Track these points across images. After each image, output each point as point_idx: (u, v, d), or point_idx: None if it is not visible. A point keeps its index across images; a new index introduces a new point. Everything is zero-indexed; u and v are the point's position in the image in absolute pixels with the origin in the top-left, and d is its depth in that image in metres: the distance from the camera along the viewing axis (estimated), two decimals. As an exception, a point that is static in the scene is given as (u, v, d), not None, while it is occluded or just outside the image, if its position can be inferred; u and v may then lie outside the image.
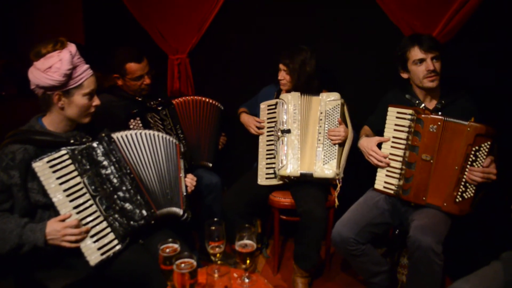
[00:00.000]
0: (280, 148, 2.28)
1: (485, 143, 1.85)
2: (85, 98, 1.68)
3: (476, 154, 1.86)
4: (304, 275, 2.34)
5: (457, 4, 2.18)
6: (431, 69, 1.96)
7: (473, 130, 1.85)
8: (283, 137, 2.28)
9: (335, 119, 2.28)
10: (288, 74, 2.36)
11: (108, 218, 1.65)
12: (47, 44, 1.61)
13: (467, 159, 1.88)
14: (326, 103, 2.29)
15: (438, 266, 1.79)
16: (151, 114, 2.37)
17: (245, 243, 1.51)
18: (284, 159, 2.25)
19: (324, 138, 2.27)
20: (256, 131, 2.46)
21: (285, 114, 2.31)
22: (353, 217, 2.05)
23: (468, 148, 1.86)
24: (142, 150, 1.82)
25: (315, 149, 2.28)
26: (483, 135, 1.84)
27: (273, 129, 2.41)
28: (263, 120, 2.45)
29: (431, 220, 1.88)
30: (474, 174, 1.85)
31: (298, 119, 2.29)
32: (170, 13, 2.81)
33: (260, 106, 2.48)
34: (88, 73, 1.67)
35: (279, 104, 2.35)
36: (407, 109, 2.02)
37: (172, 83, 2.95)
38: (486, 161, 1.85)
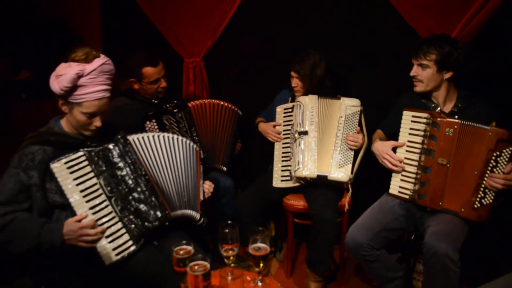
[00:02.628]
0: (297, 150, 2.28)
1: (507, 149, 1.81)
2: (84, 116, 1.65)
3: (497, 159, 1.83)
4: (317, 279, 2.32)
5: (476, 6, 2.14)
6: (411, 75, 2.02)
7: (494, 135, 1.81)
8: (300, 138, 2.28)
9: (354, 124, 2.29)
10: (300, 80, 2.37)
11: (123, 219, 1.67)
12: (79, 51, 1.63)
13: (487, 165, 1.84)
14: (347, 108, 2.30)
15: (454, 274, 1.76)
16: (167, 116, 2.40)
17: (259, 246, 1.50)
18: (301, 161, 2.25)
19: (341, 142, 2.27)
20: (274, 138, 2.46)
21: (302, 116, 2.31)
22: (367, 222, 2.03)
23: (489, 153, 1.83)
24: (159, 153, 1.84)
25: (331, 152, 2.27)
26: (505, 141, 1.80)
27: (289, 132, 2.42)
28: (280, 123, 2.46)
29: (448, 226, 1.85)
30: (494, 180, 1.81)
31: (316, 121, 2.29)
32: (186, 17, 2.83)
33: (276, 110, 2.49)
34: (92, 97, 1.63)
35: (296, 106, 2.36)
36: (423, 112, 1.99)
37: (187, 86, 2.98)
38: (507, 167, 1.81)
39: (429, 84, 2.02)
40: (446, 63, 1.96)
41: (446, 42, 1.96)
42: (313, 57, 2.33)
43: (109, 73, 1.69)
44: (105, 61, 1.66)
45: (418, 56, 2.00)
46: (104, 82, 1.66)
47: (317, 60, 2.32)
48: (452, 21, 2.23)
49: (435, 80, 2.01)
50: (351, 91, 2.52)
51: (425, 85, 2.03)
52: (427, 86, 2.03)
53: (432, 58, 1.96)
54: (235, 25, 2.78)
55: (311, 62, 2.32)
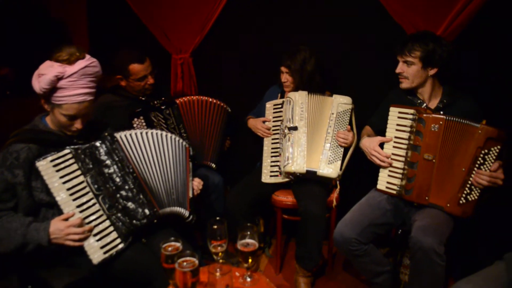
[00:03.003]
0: (286, 145, 2.29)
1: (495, 147, 1.84)
2: (64, 117, 1.63)
3: (485, 157, 1.86)
4: (306, 274, 2.34)
5: (461, 4, 2.17)
6: (397, 71, 2.05)
7: (484, 133, 1.84)
8: (290, 134, 2.29)
9: (344, 122, 2.31)
10: (290, 75, 2.38)
11: (111, 217, 1.66)
12: (63, 51, 1.59)
13: (475, 162, 1.87)
14: (339, 105, 2.32)
15: (440, 267, 1.79)
16: (155, 113, 2.39)
17: (247, 242, 1.51)
18: (291, 156, 2.27)
19: (332, 139, 2.29)
20: (264, 134, 2.47)
21: (292, 112, 2.32)
22: (355, 217, 2.05)
23: (478, 150, 1.85)
24: (147, 150, 1.83)
25: (321, 148, 2.30)
26: (494, 139, 1.83)
27: (278, 128, 2.43)
28: (269, 119, 2.47)
29: (433, 220, 1.88)
30: (481, 177, 1.84)
31: (305, 116, 2.31)
32: (174, 13, 2.81)
33: (266, 105, 2.50)
34: (72, 100, 1.59)
35: (286, 102, 2.37)
36: (409, 108, 2.02)
37: (175, 83, 2.96)
38: (494, 165, 1.84)
39: (415, 81, 2.05)
40: (430, 60, 1.98)
41: (430, 39, 1.98)
42: (304, 52, 2.34)
43: (93, 76, 1.65)
44: (89, 63, 1.62)
45: (403, 53, 2.02)
46: (86, 85, 1.62)
47: (307, 55, 2.34)
48: (438, 19, 2.25)
49: (420, 76, 2.04)
50: (339, 87, 2.53)
51: (411, 81, 2.05)
52: (412, 83, 2.06)
53: (416, 55, 1.99)
54: (223, 22, 2.77)
55: (301, 57, 2.33)
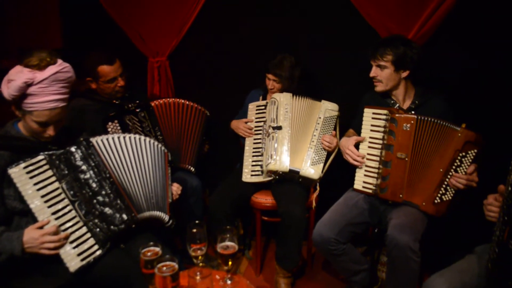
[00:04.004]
0: (269, 144, 2.32)
1: (472, 151, 1.91)
2: (36, 124, 1.59)
3: (462, 160, 1.92)
4: (286, 275, 2.36)
5: (431, 8, 2.24)
6: (371, 75, 2.11)
7: (464, 136, 1.90)
8: (274, 133, 2.32)
9: (330, 127, 2.37)
10: (279, 82, 2.42)
11: (88, 223, 1.63)
12: (34, 56, 1.54)
13: (453, 164, 1.93)
14: (326, 110, 2.37)
15: (415, 263, 1.84)
16: (130, 116, 2.35)
17: (227, 245, 1.51)
18: (274, 154, 2.28)
19: (317, 142, 2.34)
20: (246, 133, 2.50)
21: (277, 112, 2.35)
22: (333, 217, 2.08)
23: (456, 153, 1.91)
24: (125, 154, 1.81)
25: (306, 149, 2.33)
26: (472, 143, 1.89)
27: (261, 128, 2.46)
28: (252, 120, 2.50)
29: (409, 218, 1.93)
30: (458, 180, 1.91)
31: (289, 117, 2.34)
32: (150, 16, 2.79)
33: (249, 107, 2.53)
34: (43, 106, 1.55)
35: (270, 103, 2.40)
36: (382, 109, 2.07)
37: (152, 86, 2.94)
38: (470, 168, 1.90)
39: (388, 84, 2.10)
40: (402, 63, 2.04)
41: (400, 43, 2.04)
42: (290, 59, 2.40)
43: (65, 81, 1.61)
44: (60, 69, 1.58)
45: (375, 57, 2.07)
46: (58, 92, 1.58)
47: (293, 62, 2.40)
48: (410, 23, 2.32)
49: (393, 79, 2.09)
50: (318, 91, 2.58)
51: (385, 84, 2.11)
52: (386, 86, 2.11)
53: (388, 58, 2.04)
54: (200, 25, 2.77)
55: (289, 64, 2.39)
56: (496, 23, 2.21)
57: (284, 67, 2.38)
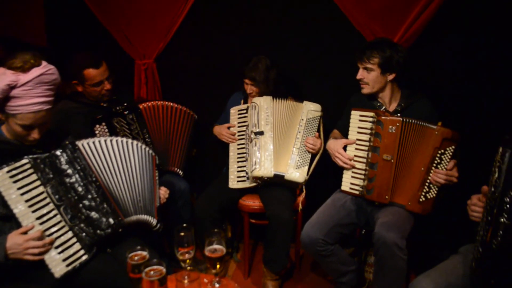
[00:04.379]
0: (253, 150, 2.31)
1: (450, 147, 1.95)
2: (19, 127, 1.57)
3: (441, 157, 1.96)
4: (274, 278, 2.36)
5: (416, 12, 2.27)
6: (357, 78, 2.13)
7: (440, 134, 1.94)
8: (256, 139, 2.31)
9: (313, 128, 2.35)
10: (256, 86, 2.39)
11: (74, 228, 1.61)
12: (18, 58, 1.51)
13: (433, 161, 1.96)
14: (308, 112, 2.36)
15: (402, 261, 1.87)
16: (117, 119, 2.34)
17: (215, 248, 1.51)
18: (258, 160, 2.28)
19: (301, 144, 2.33)
20: (229, 139, 2.47)
21: (258, 116, 2.34)
22: (321, 219, 2.09)
23: (435, 150, 1.95)
24: (111, 158, 1.79)
25: (290, 152, 2.33)
26: (449, 139, 1.93)
27: (244, 133, 2.44)
28: (234, 125, 2.47)
29: (395, 217, 1.96)
30: (438, 176, 1.94)
31: (271, 121, 2.33)
32: (137, 18, 2.77)
33: (230, 111, 2.50)
34: (27, 109, 1.53)
35: (251, 107, 2.38)
36: (369, 112, 2.09)
37: (139, 88, 2.91)
38: (449, 164, 1.95)
39: (375, 86, 2.13)
40: (388, 66, 2.07)
41: (387, 46, 2.07)
42: (265, 61, 2.37)
43: (50, 84, 1.58)
44: (45, 71, 1.55)
45: (362, 60, 2.10)
46: (42, 94, 1.56)
47: (269, 64, 2.37)
48: (395, 27, 2.35)
49: (380, 82, 2.12)
50: (305, 94, 2.59)
51: (371, 87, 2.13)
52: (373, 88, 2.13)
53: (375, 61, 2.07)
54: (187, 27, 2.76)
55: (264, 67, 2.36)
56: (479, 26, 2.26)
57: (259, 70, 2.35)
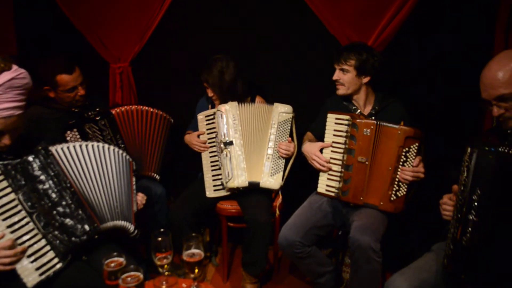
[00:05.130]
0: (225, 161, 2.28)
1: (414, 145, 2.01)
2: None
3: (407, 155, 2.02)
4: (253, 281, 2.37)
5: (388, 16, 2.34)
6: (333, 78, 2.18)
7: (403, 133, 2.00)
8: (227, 149, 2.28)
9: (286, 131, 2.34)
10: (211, 89, 2.36)
11: (47, 236, 1.57)
12: None
13: (399, 160, 2.02)
14: (279, 114, 2.33)
15: (377, 263, 1.91)
16: (89, 124, 2.29)
17: (193, 252, 1.50)
18: (231, 172, 2.26)
19: (274, 150, 2.32)
20: (200, 149, 2.44)
21: (225, 125, 2.29)
22: (298, 221, 2.11)
23: (400, 149, 2.01)
24: (87, 163, 1.75)
25: (263, 159, 2.32)
26: (412, 137, 1.99)
27: (214, 140, 2.41)
28: (203, 132, 2.44)
29: (369, 220, 1.99)
30: (405, 173, 2.00)
31: (239, 129, 2.29)
32: (111, 20, 2.74)
33: (198, 117, 2.44)
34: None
35: (217, 115, 2.32)
36: (344, 115, 2.14)
37: (114, 92, 2.87)
38: (415, 161, 2.01)
39: (350, 88, 2.17)
40: (364, 69, 2.12)
41: (364, 49, 2.13)
42: (220, 63, 2.30)
43: (22, 88, 1.54)
44: (16, 75, 1.51)
45: (339, 61, 2.15)
46: (13, 99, 1.51)
47: (224, 65, 2.29)
48: (368, 31, 2.41)
49: (355, 84, 2.16)
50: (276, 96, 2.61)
51: (346, 88, 2.18)
52: (348, 89, 2.18)
53: (351, 63, 2.12)
54: (163, 30, 2.75)
55: (218, 68, 2.29)
56: (446, 31, 2.35)
57: (212, 72, 2.28)
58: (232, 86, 2.32)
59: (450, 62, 2.38)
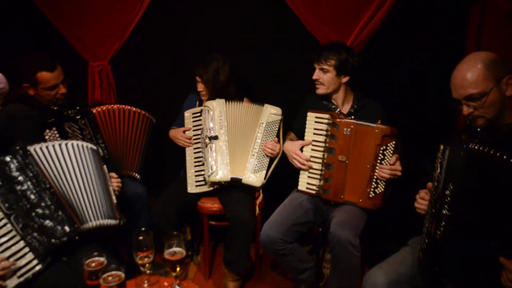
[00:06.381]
0: (208, 155, 2.31)
1: (391, 143, 2.06)
2: None
3: (384, 153, 2.07)
4: (235, 278, 2.39)
5: (367, 17, 2.38)
6: (313, 78, 2.20)
7: (380, 131, 2.04)
8: (211, 143, 2.31)
9: (273, 132, 2.39)
10: (203, 84, 2.41)
11: (26, 237, 1.55)
12: None
13: (377, 158, 2.07)
14: (269, 115, 2.38)
15: (356, 258, 1.95)
16: (69, 123, 2.25)
17: (174, 251, 1.51)
18: (214, 165, 2.29)
19: (259, 148, 2.35)
20: (185, 144, 2.46)
21: (211, 120, 2.34)
22: (279, 218, 2.14)
23: (377, 147, 2.05)
24: (67, 163, 1.73)
25: (248, 156, 2.35)
26: (389, 136, 2.04)
27: (199, 137, 2.43)
28: (189, 128, 2.46)
29: (349, 216, 2.04)
30: (383, 171, 2.05)
31: (225, 125, 2.34)
32: (89, 18, 2.70)
33: (185, 115, 2.49)
34: None
35: (204, 111, 2.38)
36: (324, 113, 2.17)
37: (93, 91, 2.83)
38: (392, 159, 2.06)
39: (330, 87, 2.21)
40: (343, 68, 2.16)
41: (343, 49, 2.17)
42: (217, 61, 2.38)
43: None
44: None
45: (319, 61, 2.18)
46: None
47: (220, 65, 2.37)
48: (347, 32, 2.45)
49: (334, 83, 2.20)
50: (258, 95, 2.63)
51: (326, 87, 2.21)
52: (327, 89, 2.22)
53: (331, 63, 2.15)
54: (143, 28, 2.72)
55: (214, 66, 2.37)
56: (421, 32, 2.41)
57: (208, 69, 2.36)
58: (225, 86, 2.40)
59: (425, 62, 2.45)
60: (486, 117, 1.49)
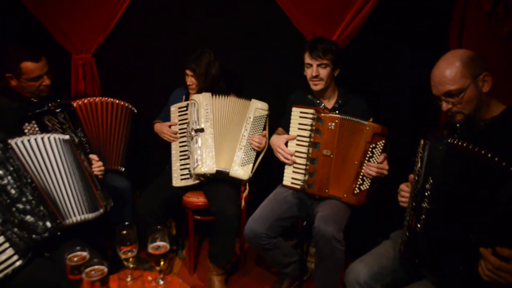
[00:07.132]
0: (194, 148, 2.31)
1: (381, 141, 2.08)
2: None
3: (373, 150, 2.09)
4: (219, 272, 2.39)
5: (352, 14, 2.40)
6: (314, 75, 2.16)
7: (371, 129, 2.06)
8: (197, 136, 2.31)
9: (260, 126, 2.40)
10: (195, 78, 2.41)
11: (6, 233, 1.52)
12: None
13: (365, 155, 2.09)
14: (256, 110, 2.39)
15: (340, 252, 1.98)
16: (49, 117, 2.21)
17: (158, 245, 1.51)
18: (199, 158, 2.29)
19: (247, 142, 2.36)
20: (170, 138, 2.45)
21: (198, 114, 2.35)
22: (264, 213, 2.15)
23: (367, 145, 2.08)
24: (50, 156, 1.70)
25: (235, 149, 2.36)
26: (380, 134, 2.06)
27: (185, 131, 2.43)
28: (175, 123, 2.45)
29: (333, 210, 2.06)
30: (370, 169, 2.07)
31: (211, 118, 2.34)
32: (73, 10, 2.65)
33: (171, 109, 2.48)
34: None
35: (190, 105, 2.38)
36: (309, 108, 2.18)
37: (76, 84, 2.79)
38: (380, 158, 2.08)
39: (327, 82, 2.19)
40: (337, 62, 2.17)
41: (332, 42, 2.19)
42: (208, 55, 2.39)
43: None
44: None
45: (318, 56, 2.13)
46: None
47: (211, 59, 2.39)
48: (332, 27, 2.46)
49: (330, 78, 2.20)
50: (244, 90, 2.63)
51: (325, 82, 2.18)
52: (326, 84, 2.19)
53: (329, 57, 2.14)
54: (128, 20, 2.69)
55: (206, 60, 2.38)
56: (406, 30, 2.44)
57: (201, 62, 2.38)
58: (216, 81, 2.42)
59: (408, 59, 2.48)
60: (464, 113, 1.52)
